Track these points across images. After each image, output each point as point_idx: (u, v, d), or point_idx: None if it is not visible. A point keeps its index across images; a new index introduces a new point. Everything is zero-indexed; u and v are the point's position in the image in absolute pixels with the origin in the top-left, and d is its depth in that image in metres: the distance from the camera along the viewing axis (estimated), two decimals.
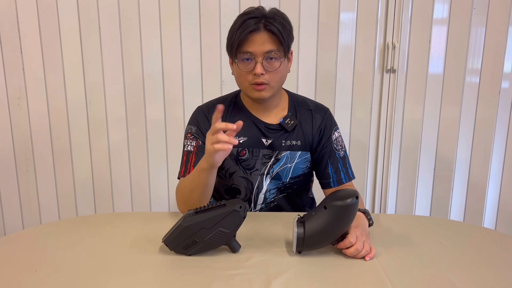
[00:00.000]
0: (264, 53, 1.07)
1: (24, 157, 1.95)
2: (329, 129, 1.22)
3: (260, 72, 1.07)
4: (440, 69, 1.84)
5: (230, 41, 1.10)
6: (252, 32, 1.07)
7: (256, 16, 1.08)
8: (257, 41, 1.07)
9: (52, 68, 1.86)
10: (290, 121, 1.19)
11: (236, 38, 1.08)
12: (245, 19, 1.07)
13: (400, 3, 1.78)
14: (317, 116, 1.23)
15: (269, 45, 1.08)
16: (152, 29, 1.82)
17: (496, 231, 1.17)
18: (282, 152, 1.20)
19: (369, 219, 1.04)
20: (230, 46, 1.11)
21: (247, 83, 1.11)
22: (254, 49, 1.07)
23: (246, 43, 1.08)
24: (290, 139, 1.20)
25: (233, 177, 1.23)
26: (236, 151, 1.20)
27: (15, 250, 0.98)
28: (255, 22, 1.07)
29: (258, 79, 1.09)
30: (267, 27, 1.07)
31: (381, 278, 0.86)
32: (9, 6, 1.80)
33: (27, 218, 2.02)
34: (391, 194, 1.98)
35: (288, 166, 1.21)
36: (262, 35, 1.07)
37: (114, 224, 1.12)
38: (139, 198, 1.99)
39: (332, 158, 1.21)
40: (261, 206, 1.25)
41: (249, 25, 1.06)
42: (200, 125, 1.20)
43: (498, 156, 1.91)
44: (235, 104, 1.23)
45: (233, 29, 1.10)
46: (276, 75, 1.11)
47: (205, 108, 1.23)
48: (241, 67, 1.10)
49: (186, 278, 0.85)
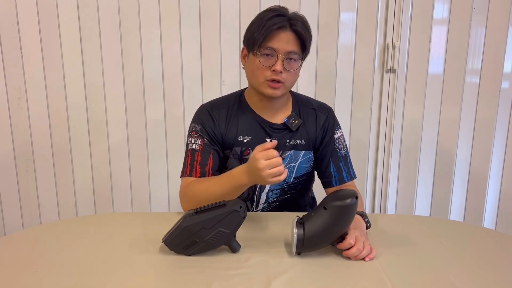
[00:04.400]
0: (286, 52, 1.08)
1: (24, 157, 1.95)
2: (331, 128, 1.23)
3: (279, 70, 1.08)
4: (440, 69, 1.84)
5: (254, 34, 1.09)
6: (279, 29, 1.07)
7: (284, 14, 1.09)
8: (282, 39, 1.08)
9: (52, 68, 1.86)
10: (295, 121, 1.19)
11: (262, 32, 1.08)
12: (273, 15, 1.08)
13: (400, 3, 1.78)
14: (321, 115, 1.23)
15: (292, 45, 1.09)
16: (152, 29, 1.82)
17: (496, 231, 1.17)
18: (286, 151, 1.20)
19: (367, 221, 1.04)
20: (253, 39, 1.10)
21: (263, 78, 1.11)
22: (279, 46, 1.08)
23: (271, 39, 1.08)
24: (294, 138, 1.20)
25: None
26: (240, 150, 1.19)
27: (15, 250, 0.98)
28: (282, 20, 1.08)
29: (276, 76, 1.09)
30: (293, 27, 1.08)
31: (381, 278, 0.86)
32: (9, 6, 1.80)
33: (27, 218, 2.02)
34: (391, 194, 1.98)
35: (292, 165, 1.21)
36: (288, 34, 1.08)
37: (114, 224, 1.12)
38: (139, 198, 1.99)
39: (334, 157, 1.21)
40: (263, 205, 1.25)
41: (277, 21, 1.07)
42: (204, 123, 1.19)
43: (498, 156, 1.91)
44: (239, 104, 1.22)
45: (259, 23, 1.09)
46: (292, 76, 1.12)
47: (208, 106, 1.22)
48: (262, 61, 1.10)
49: (186, 278, 0.85)
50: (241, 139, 1.19)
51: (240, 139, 1.19)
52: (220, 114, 1.20)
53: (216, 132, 1.18)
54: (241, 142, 1.19)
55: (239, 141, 1.19)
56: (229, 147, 1.19)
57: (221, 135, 1.19)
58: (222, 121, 1.19)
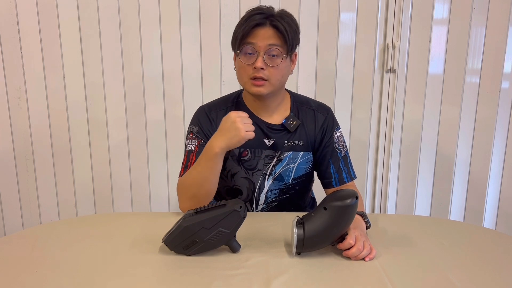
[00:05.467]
0: (267, 45, 1.07)
1: (24, 157, 1.95)
2: (331, 128, 1.22)
3: (260, 66, 1.07)
4: (440, 69, 1.84)
5: (235, 34, 1.11)
6: (258, 26, 1.08)
7: (264, 12, 1.09)
8: (261, 35, 1.08)
9: (52, 68, 1.86)
10: (293, 122, 1.19)
11: (241, 30, 1.09)
12: (253, 14, 1.09)
13: (400, 3, 1.78)
14: (320, 115, 1.22)
15: (273, 39, 1.08)
16: (152, 29, 1.82)
17: (496, 231, 1.17)
18: (285, 152, 1.20)
19: (367, 221, 1.03)
20: (234, 38, 1.12)
21: (247, 77, 1.11)
22: (257, 41, 1.08)
23: (250, 36, 1.08)
24: (292, 139, 1.20)
25: (234, 178, 1.23)
26: (238, 151, 1.19)
27: (15, 250, 0.98)
28: (262, 17, 1.08)
29: (257, 73, 1.08)
30: (273, 22, 1.08)
31: (381, 278, 0.86)
32: (9, 6, 1.80)
33: (27, 218, 2.02)
34: (391, 194, 1.98)
35: (291, 166, 1.21)
36: (267, 30, 1.08)
37: (114, 224, 1.12)
38: (139, 198, 1.99)
39: (333, 157, 1.21)
40: (263, 206, 1.25)
41: (255, 19, 1.07)
42: (202, 125, 1.20)
43: (498, 156, 1.91)
44: (237, 104, 1.22)
45: (240, 23, 1.11)
46: (277, 72, 1.10)
47: (206, 108, 1.23)
48: (243, 59, 1.10)
49: (186, 278, 0.85)
50: None
51: None
52: (218, 115, 1.20)
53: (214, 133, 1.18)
54: None
55: None
56: None
57: None
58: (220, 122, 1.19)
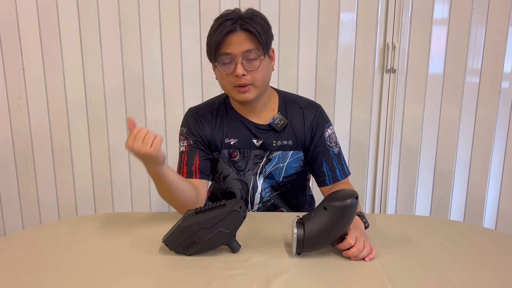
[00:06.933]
0: (243, 52, 1.07)
1: (24, 157, 1.95)
2: (321, 126, 1.21)
3: (241, 73, 1.07)
4: (440, 69, 1.84)
5: (209, 45, 1.10)
6: (229, 33, 1.06)
7: (232, 17, 1.07)
8: (234, 42, 1.06)
9: (52, 68, 1.86)
10: (280, 121, 1.18)
11: (213, 41, 1.07)
12: (221, 21, 1.07)
13: (400, 3, 1.77)
14: (308, 113, 1.21)
15: (248, 44, 1.07)
16: (152, 29, 1.82)
17: (496, 231, 1.17)
18: (274, 152, 1.20)
19: (365, 222, 1.03)
20: (209, 50, 1.11)
21: (230, 86, 1.11)
22: (233, 50, 1.06)
23: (223, 45, 1.07)
24: (281, 139, 1.20)
25: (226, 181, 1.23)
26: (228, 152, 1.20)
27: (15, 250, 0.98)
28: (231, 23, 1.06)
29: (240, 81, 1.08)
30: (244, 26, 1.06)
31: (381, 278, 0.86)
32: (9, 6, 1.80)
33: (27, 218, 2.02)
34: (391, 194, 1.98)
35: (281, 165, 1.21)
36: (240, 35, 1.06)
37: (114, 224, 1.12)
38: (139, 198, 1.99)
39: (326, 156, 1.20)
40: (259, 205, 1.26)
41: (225, 27, 1.06)
42: (190, 125, 1.21)
43: (498, 156, 1.91)
44: (224, 106, 1.23)
45: (210, 34, 1.09)
46: (258, 74, 1.09)
47: (194, 110, 1.24)
48: (222, 70, 1.09)
49: (186, 278, 0.85)
50: (228, 141, 1.20)
51: (227, 141, 1.20)
52: (205, 116, 1.21)
53: (201, 133, 1.20)
54: (228, 144, 1.20)
55: (226, 143, 1.20)
56: (217, 149, 1.21)
57: (208, 137, 1.20)
58: (208, 123, 1.20)
